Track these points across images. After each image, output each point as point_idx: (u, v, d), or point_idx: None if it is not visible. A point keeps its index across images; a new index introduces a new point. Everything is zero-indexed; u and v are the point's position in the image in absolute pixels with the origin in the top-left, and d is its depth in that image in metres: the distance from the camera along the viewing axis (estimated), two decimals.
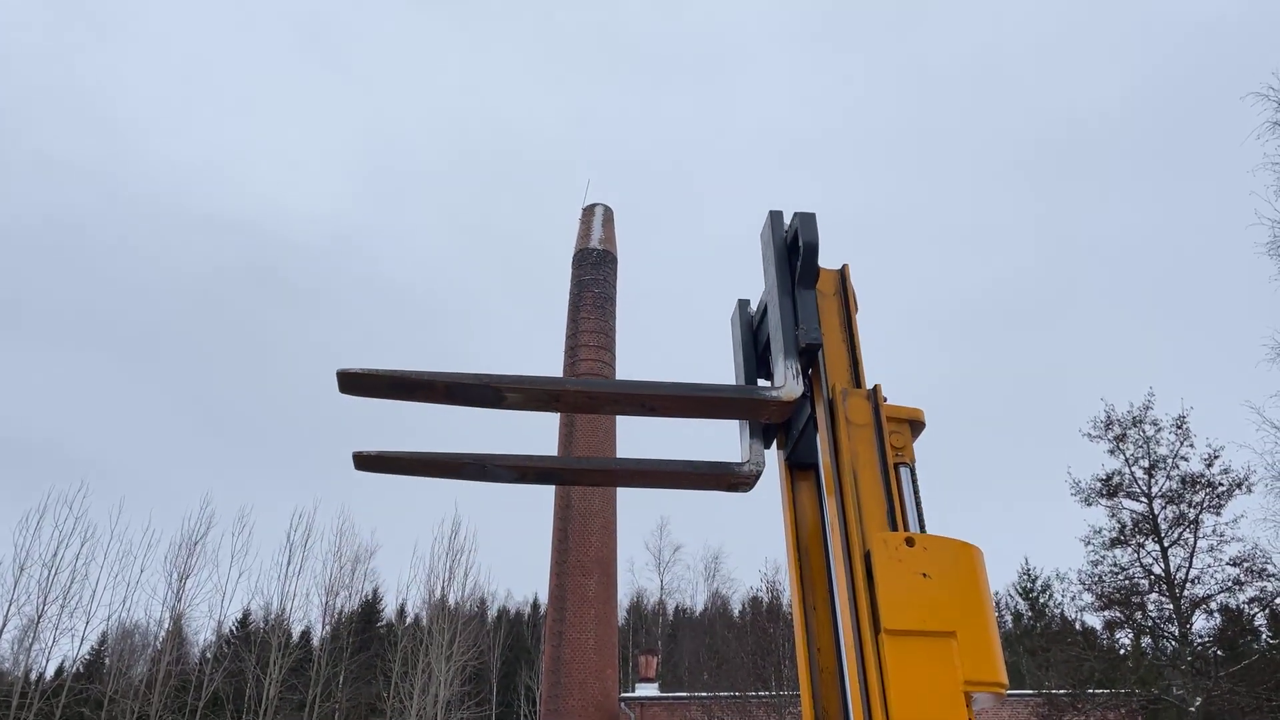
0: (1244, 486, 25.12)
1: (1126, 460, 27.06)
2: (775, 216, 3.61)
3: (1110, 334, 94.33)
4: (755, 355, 3.72)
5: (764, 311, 3.62)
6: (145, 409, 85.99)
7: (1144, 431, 26.98)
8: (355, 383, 3.13)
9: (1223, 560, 25.48)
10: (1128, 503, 26.91)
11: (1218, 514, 25.73)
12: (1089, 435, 27.68)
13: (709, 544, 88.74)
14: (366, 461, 3.33)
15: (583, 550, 32.00)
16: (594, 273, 37.02)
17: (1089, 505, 27.54)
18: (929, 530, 2.86)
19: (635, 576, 62.18)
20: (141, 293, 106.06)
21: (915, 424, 3.11)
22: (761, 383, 3.70)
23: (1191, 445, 26.39)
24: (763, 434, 3.49)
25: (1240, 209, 28.99)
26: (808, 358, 3.29)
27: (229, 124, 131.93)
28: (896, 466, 2.97)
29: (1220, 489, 25.63)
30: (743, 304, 3.87)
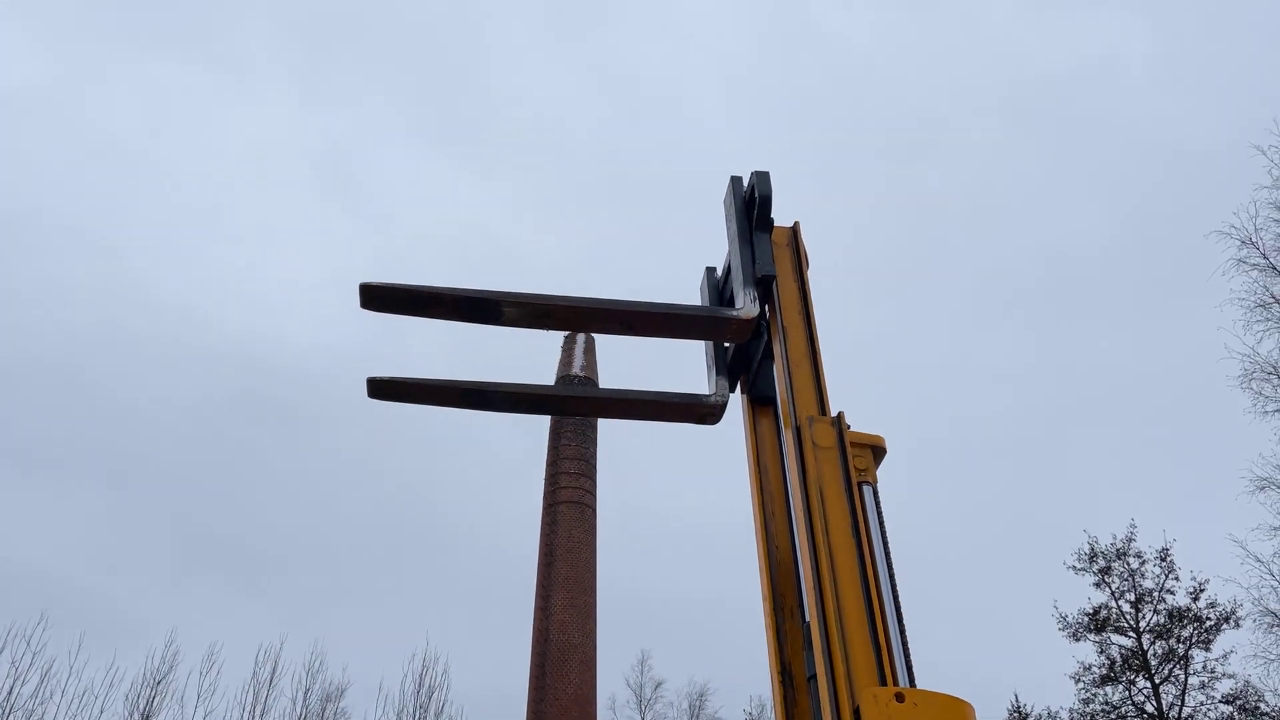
0: (1232, 620, 24.83)
1: (1113, 593, 26.78)
2: (735, 181, 4.02)
3: (1093, 465, 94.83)
4: None
5: (728, 272, 3.94)
6: (116, 538, 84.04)
7: (1129, 564, 26.80)
8: (375, 296, 3.38)
9: (1215, 698, 24.94)
10: (1116, 638, 26.49)
11: (1207, 649, 25.34)
12: (1074, 568, 27.46)
13: (694, 679, 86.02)
14: (379, 388, 3.56)
15: (561, 687, 30.90)
16: None
17: (1077, 640, 27.08)
18: (918, 681, 2.86)
19: (616, 715, 59.82)
20: (125, 419, 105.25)
21: (877, 449, 3.30)
22: None
23: (1177, 578, 26.19)
24: (728, 372, 3.84)
25: (1214, 342, 29.64)
26: (764, 289, 3.62)
27: (234, 251, 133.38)
28: (860, 486, 3.13)
29: (1208, 623, 25.32)
30: (709, 271, 4.20)
